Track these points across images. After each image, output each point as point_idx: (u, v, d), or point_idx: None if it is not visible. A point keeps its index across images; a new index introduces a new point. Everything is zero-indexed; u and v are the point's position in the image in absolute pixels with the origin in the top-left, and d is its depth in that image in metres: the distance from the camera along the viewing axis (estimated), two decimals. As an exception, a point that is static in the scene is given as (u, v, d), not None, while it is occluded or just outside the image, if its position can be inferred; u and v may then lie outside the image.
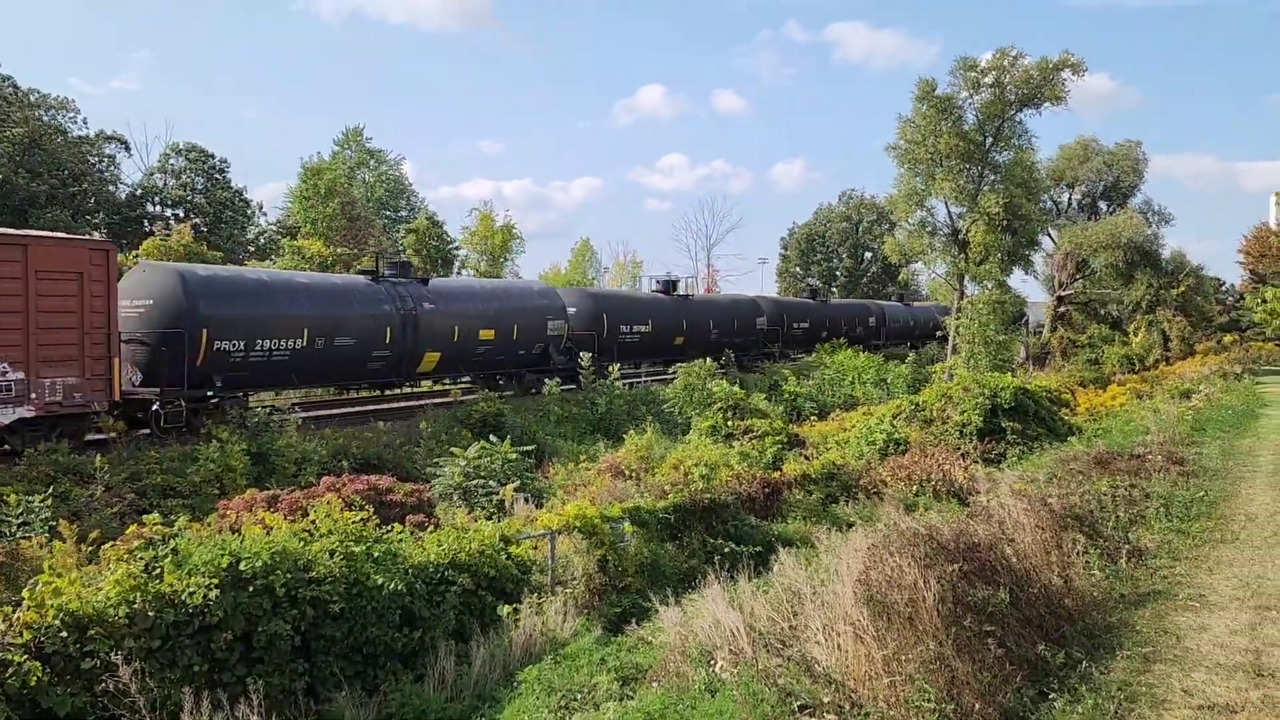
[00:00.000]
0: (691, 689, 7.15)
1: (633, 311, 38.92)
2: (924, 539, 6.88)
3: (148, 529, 8.54)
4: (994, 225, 41.95)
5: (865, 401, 34.73)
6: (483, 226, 59.10)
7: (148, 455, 17.97)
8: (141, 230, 53.43)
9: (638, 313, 39.12)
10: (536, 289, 35.04)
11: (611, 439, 26.30)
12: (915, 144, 42.73)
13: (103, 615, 7.23)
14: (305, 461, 19.31)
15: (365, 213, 57.06)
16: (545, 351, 31.67)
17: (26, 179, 47.56)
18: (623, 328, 37.21)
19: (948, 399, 23.17)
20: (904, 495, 15.91)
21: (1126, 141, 65.11)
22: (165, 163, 60.28)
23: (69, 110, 56.49)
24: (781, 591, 8.21)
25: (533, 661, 8.63)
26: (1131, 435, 20.44)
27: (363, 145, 74.31)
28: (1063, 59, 43.07)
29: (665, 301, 41.75)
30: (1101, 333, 59.05)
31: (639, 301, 41.13)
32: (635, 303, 40.72)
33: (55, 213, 47.13)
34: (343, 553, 8.69)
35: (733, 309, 47.13)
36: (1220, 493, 14.49)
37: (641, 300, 41.48)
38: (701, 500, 13.27)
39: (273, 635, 7.78)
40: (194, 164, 60.20)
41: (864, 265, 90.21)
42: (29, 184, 47.51)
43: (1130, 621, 8.31)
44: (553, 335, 31.92)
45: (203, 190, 59.83)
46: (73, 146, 53.83)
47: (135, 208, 58.23)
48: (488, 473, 17.08)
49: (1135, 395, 31.47)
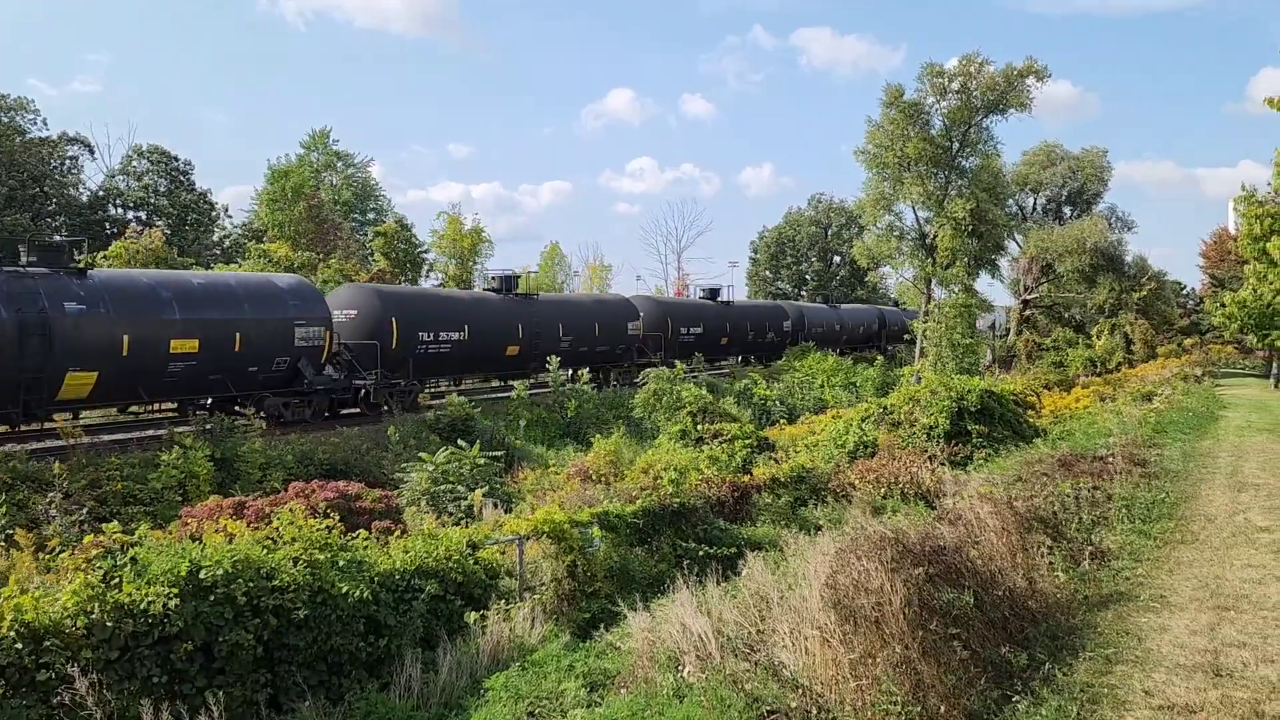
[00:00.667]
0: (659, 695, 7.13)
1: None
2: (891, 542, 6.91)
3: (107, 537, 8.39)
4: (961, 230, 42.40)
5: (834, 405, 34.92)
6: (451, 230, 58.82)
7: (108, 462, 17.71)
8: (104, 233, 52.69)
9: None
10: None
11: (581, 443, 26.27)
12: (883, 148, 43.12)
13: (59, 626, 7.09)
14: (270, 467, 19.10)
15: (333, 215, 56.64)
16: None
17: (-15, 181, 46.78)
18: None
19: (915, 402, 23.32)
20: (872, 498, 15.99)
21: (1091, 147, 66.07)
22: (128, 165, 59.51)
23: (28, 111, 55.61)
24: (749, 596, 8.21)
25: (500, 668, 8.57)
26: (1095, 437, 20.67)
27: (329, 148, 73.73)
28: (1027, 65, 43.64)
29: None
30: (1066, 336, 59.82)
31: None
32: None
33: (14, 216, 46.34)
34: (307, 560, 8.58)
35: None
36: (1181, 494, 14.68)
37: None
38: (671, 505, 13.25)
39: (234, 645, 7.67)
40: (157, 166, 59.49)
41: (833, 269, 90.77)
42: (-12, 186, 46.73)
43: (1093, 623, 8.39)
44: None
45: (166, 193, 59.11)
46: (32, 148, 52.95)
47: (97, 210, 57.42)
48: (456, 478, 16.99)
49: (1099, 398, 31.84)
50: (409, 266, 56.55)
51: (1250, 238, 21.58)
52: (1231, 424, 25.18)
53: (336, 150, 74.09)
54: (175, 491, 16.88)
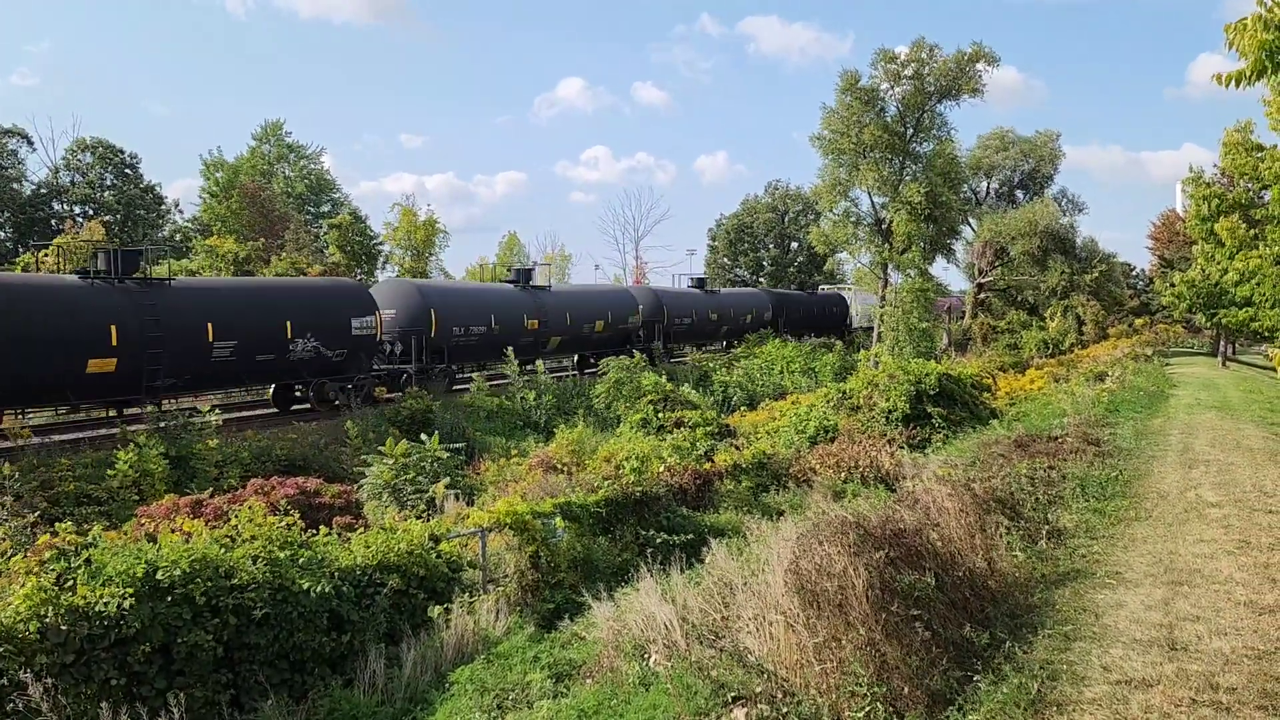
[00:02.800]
0: (625, 684, 7.14)
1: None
2: (852, 526, 6.96)
3: (60, 538, 8.22)
4: (916, 214, 42.82)
5: (794, 390, 35.15)
6: (405, 221, 58.23)
7: (59, 462, 17.35)
8: (49, 229, 51.52)
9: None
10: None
11: (542, 434, 26.18)
12: (839, 134, 43.35)
13: (11, 631, 6.93)
14: (227, 464, 18.83)
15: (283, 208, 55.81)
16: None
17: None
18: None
19: (874, 386, 23.53)
20: (833, 483, 16.11)
21: (1044, 131, 66.98)
22: (72, 158, 58.19)
23: (-33, 104, 54.12)
24: (714, 583, 8.24)
25: (465, 661, 8.53)
26: (1049, 418, 21.01)
27: (282, 139, 72.63)
28: (976, 51, 44.12)
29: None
30: (1020, 318, 60.72)
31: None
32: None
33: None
34: (266, 558, 8.47)
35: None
36: (1134, 472, 14.98)
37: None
38: (633, 493, 13.26)
39: (193, 646, 7.55)
40: (102, 160, 58.23)
41: (790, 255, 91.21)
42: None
43: (1051, 601, 8.53)
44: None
45: (112, 187, 57.91)
46: (-28, 142, 51.64)
47: (40, 206, 56.11)
48: (417, 471, 16.86)
49: (1052, 379, 32.36)
50: (364, 259, 55.94)
51: (1198, 218, 22.04)
52: (1181, 402, 25.73)
53: (289, 142, 73.05)
54: (130, 491, 16.57)
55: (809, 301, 66.79)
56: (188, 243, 55.89)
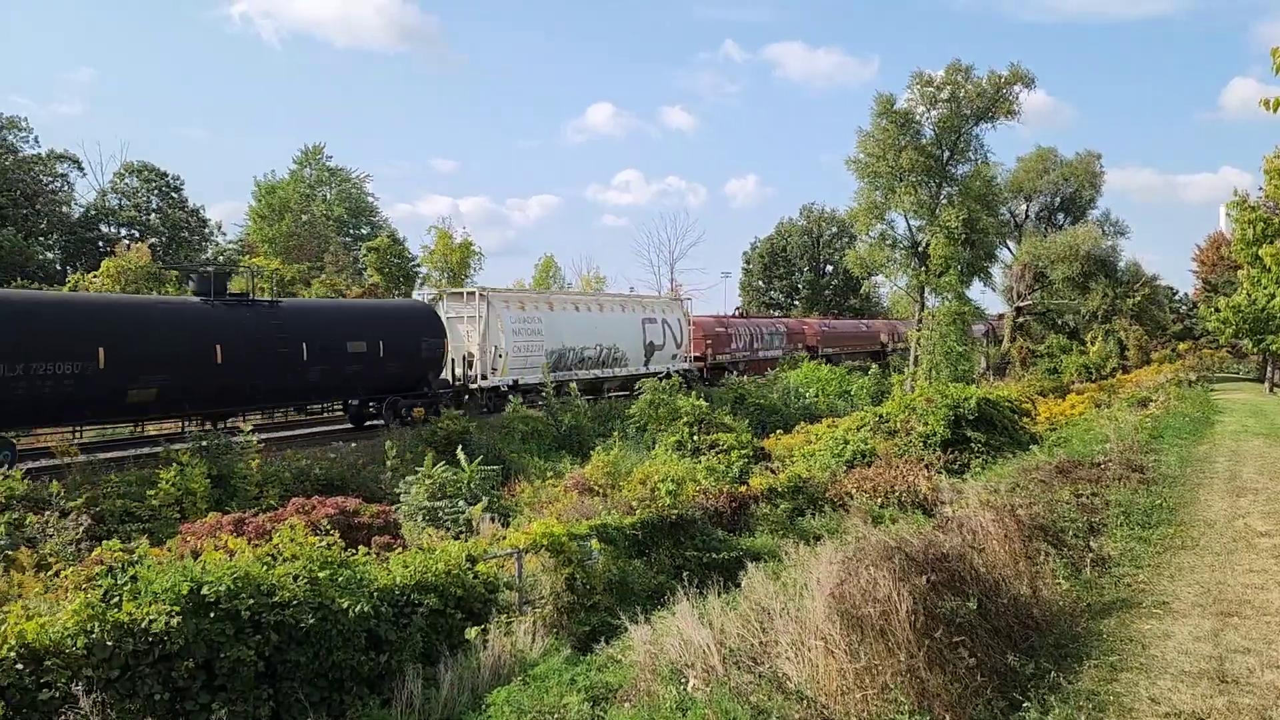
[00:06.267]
0: (663, 708, 7.09)
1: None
2: (897, 550, 6.90)
3: (107, 555, 8.34)
4: (953, 238, 42.50)
5: (829, 414, 34.93)
6: (441, 244, 58.81)
7: (105, 480, 17.64)
8: (97, 250, 52.61)
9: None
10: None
11: (577, 455, 26.21)
12: (875, 158, 43.21)
13: (60, 646, 7.03)
14: (268, 484, 19.03)
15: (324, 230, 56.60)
16: None
17: (-24, 200, 46.64)
18: None
19: (911, 410, 23.34)
20: (869, 507, 16.00)
21: (1085, 152, 66.26)
22: (119, 182, 59.42)
23: (20, 129, 55.54)
24: (751, 607, 8.18)
25: (502, 683, 8.51)
26: (1091, 444, 20.70)
27: (323, 164, 73.72)
28: (1013, 73, 43.84)
29: None
30: (1060, 342, 60.02)
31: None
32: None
33: (6, 233, 46.18)
34: (307, 577, 8.54)
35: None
36: (1179, 499, 14.70)
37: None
38: (669, 516, 13.24)
39: (236, 662, 7.61)
40: (148, 183, 59.38)
41: (825, 278, 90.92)
42: (-21, 204, 46.57)
43: (1096, 630, 8.38)
44: None
45: (157, 210, 59.02)
46: (24, 166, 52.85)
47: (90, 228, 57.31)
48: (454, 492, 16.94)
49: (1094, 404, 31.91)
50: (401, 281, 56.53)
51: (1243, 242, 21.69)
52: (1228, 428, 25.25)
53: (330, 166, 74.13)
54: (173, 509, 16.79)
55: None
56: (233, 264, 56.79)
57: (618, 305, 40.70)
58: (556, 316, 35.64)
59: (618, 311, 40.22)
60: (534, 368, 33.33)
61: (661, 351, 41.95)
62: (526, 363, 33.27)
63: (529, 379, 32.99)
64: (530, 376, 33.01)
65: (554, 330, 34.97)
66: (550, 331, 34.69)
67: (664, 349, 42.34)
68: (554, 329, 34.97)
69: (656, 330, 41.97)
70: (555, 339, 34.91)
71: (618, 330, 39.22)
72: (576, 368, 36.17)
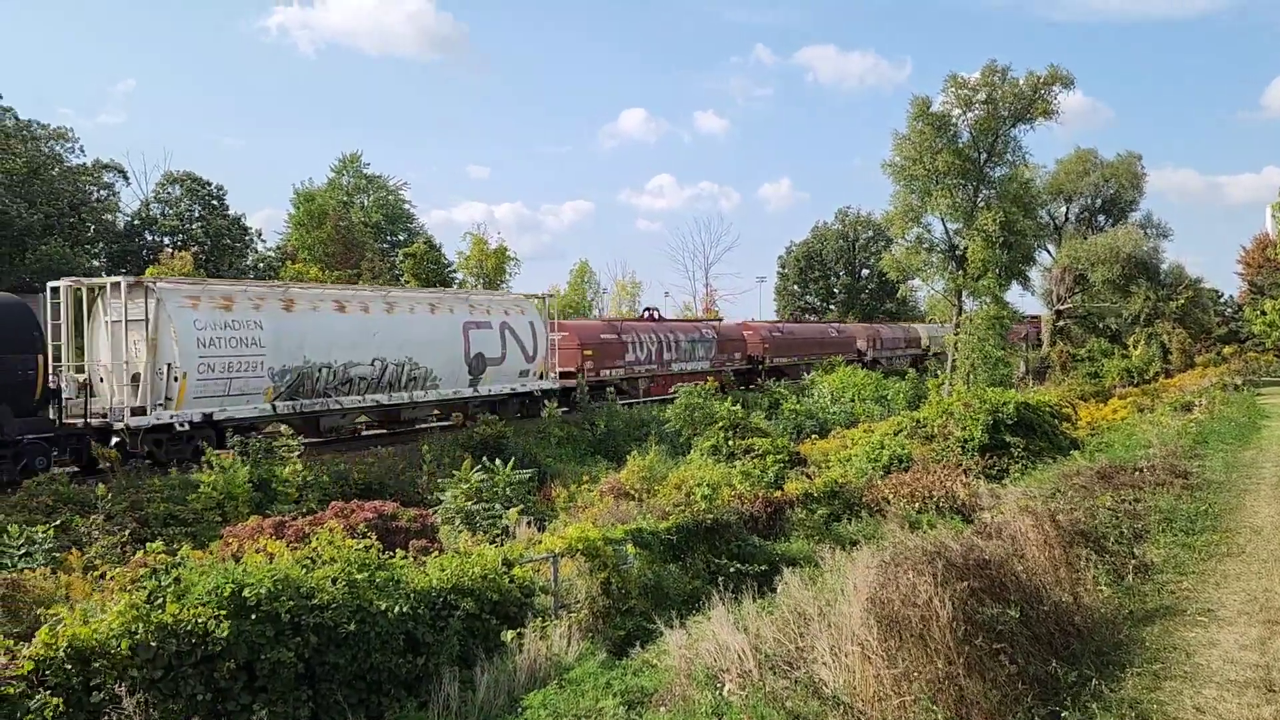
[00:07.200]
0: (698, 713, 7.08)
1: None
2: (937, 555, 6.83)
3: (151, 557, 8.49)
4: (991, 241, 42.06)
5: (866, 418, 34.69)
6: (476, 250, 59.21)
7: (149, 483, 17.93)
8: (141, 259, 53.54)
9: None
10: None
11: (612, 460, 26.25)
12: (911, 161, 42.88)
13: (106, 646, 7.17)
14: (307, 488, 19.25)
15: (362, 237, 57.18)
16: None
17: (24, 209, 47.60)
18: None
19: (949, 415, 23.13)
20: (906, 512, 15.85)
21: (1126, 154, 65.25)
22: (162, 191, 60.42)
23: (67, 140, 56.64)
24: (787, 612, 8.16)
25: (537, 686, 8.55)
26: (1134, 449, 20.40)
27: (360, 171, 74.50)
28: (1052, 73, 43.31)
29: None
30: (1101, 346, 59.14)
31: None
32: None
33: (53, 242, 47.13)
34: (345, 579, 8.63)
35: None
36: (1224, 505, 14.44)
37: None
38: (704, 520, 13.21)
39: (276, 663, 7.71)
40: (190, 192, 60.32)
41: (861, 282, 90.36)
42: (27, 214, 47.54)
43: (1139, 638, 8.25)
44: None
45: (200, 218, 59.94)
46: (70, 176, 53.92)
47: (134, 237, 58.32)
48: (490, 496, 17.03)
49: (1136, 408, 31.44)
50: (437, 286, 56.95)
51: (1290, 244, 21.25)
52: (1275, 433, 24.75)
53: (367, 174, 74.91)
54: (214, 512, 17.04)
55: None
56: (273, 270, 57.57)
57: (423, 305, 29.16)
58: (294, 320, 24.23)
59: (421, 313, 28.67)
60: (249, 394, 23.05)
61: (500, 367, 30.80)
62: (230, 388, 22.54)
63: (238, 411, 22.72)
64: (240, 407, 22.80)
65: (287, 339, 23.83)
66: (280, 341, 23.62)
67: (504, 363, 31.01)
68: (287, 338, 23.84)
69: (489, 338, 30.49)
70: (290, 352, 23.85)
71: (420, 339, 27.83)
72: (338, 392, 25.30)
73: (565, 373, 35.20)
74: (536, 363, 32.69)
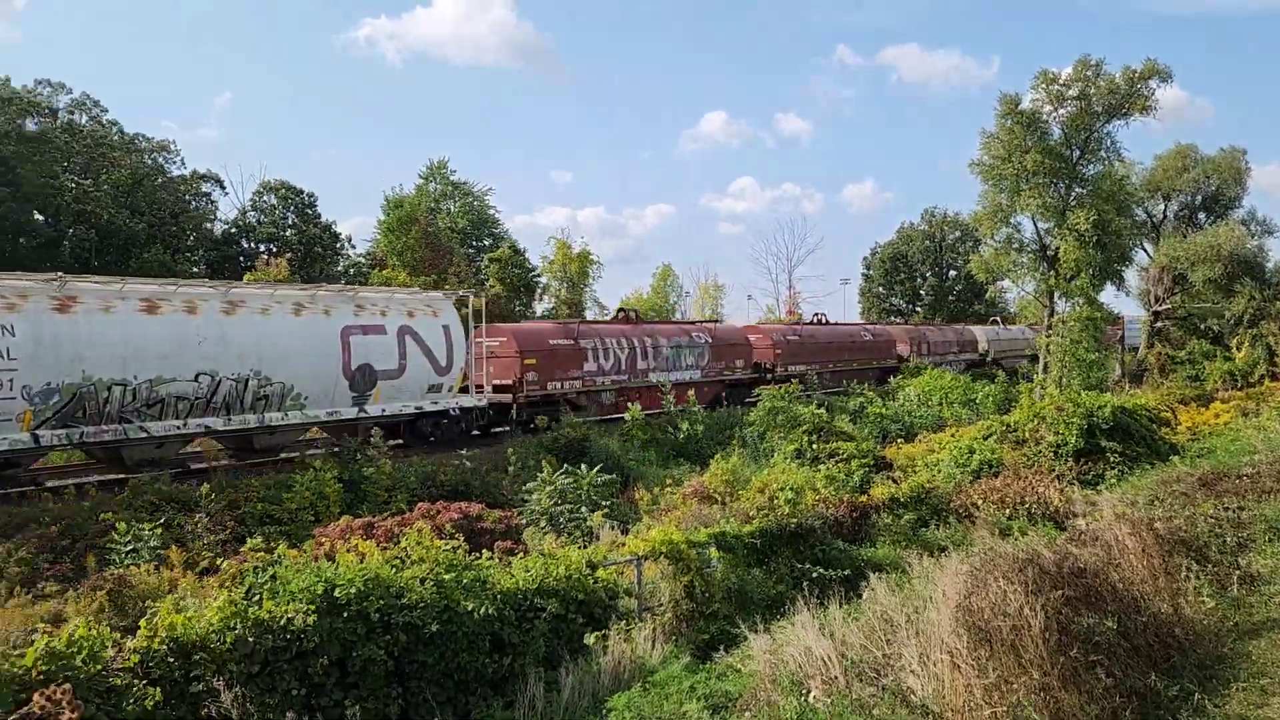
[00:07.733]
0: (783, 718, 7.04)
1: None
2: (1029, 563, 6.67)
3: (250, 555, 8.79)
4: (1084, 241, 40.82)
5: (954, 423, 33.98)
6: (560, 254, 59.77)
7: (247, 484, 18.54)
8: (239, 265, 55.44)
9: None
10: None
11: (695, 463, 26.20)
12: (1000, 160, 41.89)
13: (206, 641, 7.44)
14: (395, 489, 19.68)
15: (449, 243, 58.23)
16: None
17: (128, 218, 49.78)
18: None
19: (1040, 419, 22.51)
20: (997, 519, 15.48)
21: (1229, 149, 62.60)
22: (258, 199, 62.51)
23: (169, 152, 59.03)
24: (874, 619, 8.04)
25: (622, 688, 8.59)
26: (1238, 455, 19.56)
27: (447, 177, 75.91)
28: (1148, 67, 41.84)
29: None
30: (1202, 348, 56.88)
31: None
32: None
33: (155, 250, 49.18)
34: (433, 579, 8.81)
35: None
36: (1339, 515, 13.73)
37: None
38: (788, 525, 13.09)
39: (367, 660, 7.91)
40: (284, 201, 62.26)
41: (949, 283, 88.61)
42: (131, 223, 49.70)
43: (1245, 651, 7.91)
44: None
45: (294, 225, 61.81)
46: (171, 186, 56.18)
47: (231, 244, 60.43)
48: (574, 498, 17.18)
49: (1240, 412, 30.14)
50: (522, 291, 57.70)
51: None
52: (1392, 440, 23.47)
53: (454, 180, 76.28)
54: (307, 512, 17.54)
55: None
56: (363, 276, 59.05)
57: (284, 305, 22.41)
58: (68, 324, 18.26)
59: (280, 315, 22.10)
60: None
61: (397, 381, 24.36)
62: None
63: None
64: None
65: (54, 349, 17.97)
66: (42, 352, 17.78)
67: (403, 376, 24.53)
68: (54, 347, 17.97)
69: (382, 346, 24.04)
70: (59, 366, 18.01)
71: (275, 347, 21.63)
72: (143, 416, 19.30)
73: (503, 386, 29.12)
74: (453, 375, 26.08)
